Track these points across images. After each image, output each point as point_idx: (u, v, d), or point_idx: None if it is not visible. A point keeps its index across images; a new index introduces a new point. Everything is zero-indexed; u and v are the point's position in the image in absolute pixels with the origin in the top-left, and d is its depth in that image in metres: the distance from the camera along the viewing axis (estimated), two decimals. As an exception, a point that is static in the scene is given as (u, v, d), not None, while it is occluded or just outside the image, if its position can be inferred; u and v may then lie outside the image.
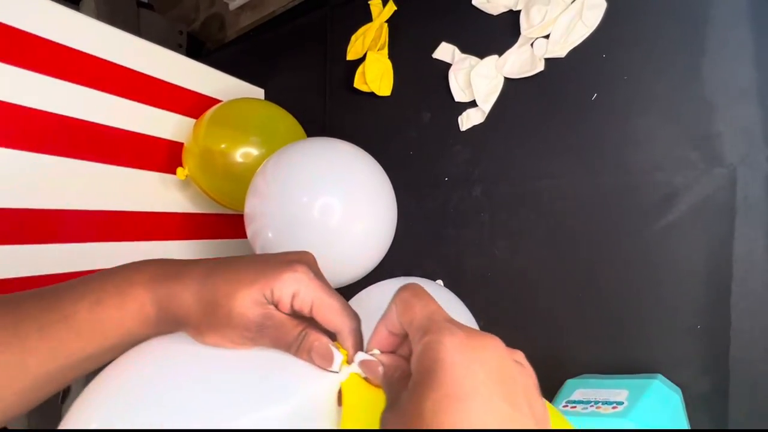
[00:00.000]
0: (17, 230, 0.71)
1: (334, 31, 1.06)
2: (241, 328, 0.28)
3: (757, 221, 0.58)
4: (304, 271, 0.30)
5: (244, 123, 0.93)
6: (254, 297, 0.29)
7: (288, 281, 0.29)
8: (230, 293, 0.29)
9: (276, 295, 0.29)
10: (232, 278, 0.29)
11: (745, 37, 0.60)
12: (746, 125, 0.59)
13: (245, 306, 0.28)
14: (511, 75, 0.78)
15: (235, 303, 0.28)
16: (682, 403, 0.58)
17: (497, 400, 0.21)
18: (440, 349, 0.22)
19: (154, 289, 0.30)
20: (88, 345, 0.30)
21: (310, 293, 0.29)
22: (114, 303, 0.30)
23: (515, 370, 0.23)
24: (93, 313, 0.30)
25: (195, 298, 0.29)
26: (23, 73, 0.71)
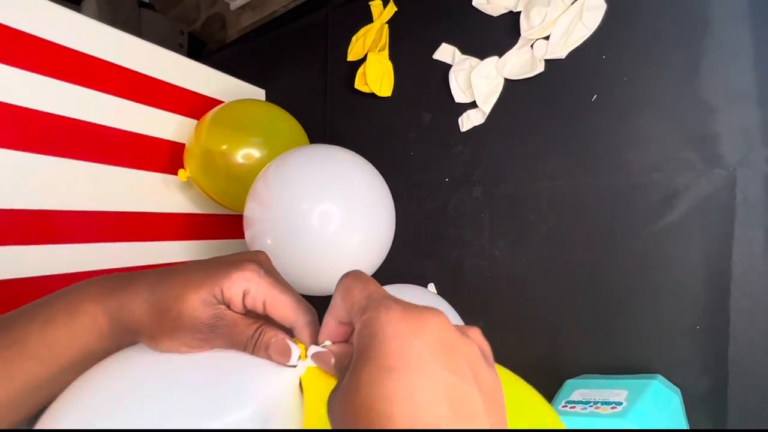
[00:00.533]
0: (18, 231, 0.71)
1: (334, 31, 1.06)
2: (192, 330, 0.28)
3: (756, 222, 0.58)
4: (253, 269, 0.30)
5: (245, 124, 0.93)
6: (203, 297, 0.28)
7: (237, 280, 0.29)
8: (179, 296, 0.29)
9: (226, 294, 0.29)
10: (181, 282, 0.29)
11: (745, 39, 0.60)
12: (745, 126, 0.59)
13: (194, 307, 0.28)
14: (511, 76, 0.78)
15: (185, 305, 0.28)
16: (681, 404, 0.58)
17: (436, 369, 0.21)
18: (376, 323, 0.22)
19: (104, 301, 0.30)
20: (43, 367, 0.29)
21: (261, 290, 0.29)
22: (64, 320, 0.29)
23: (458, 341, 0.23)
24: (44, 334, 0.29)
25: (146, 306, 0.29)
26: (25, 74, 0.71)
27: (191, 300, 0.28)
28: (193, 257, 1.01)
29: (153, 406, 0.25)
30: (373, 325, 0.22)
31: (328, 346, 0.28)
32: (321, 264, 0.69)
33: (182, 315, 0.28)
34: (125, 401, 0.26)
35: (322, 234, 0.69)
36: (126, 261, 0.87)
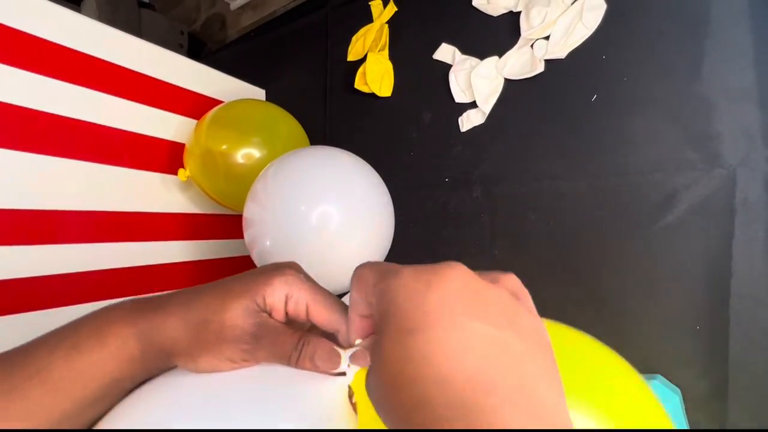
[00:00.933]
0: (18, 230, 0.71)
1: (334, 31, 1.06)
2: (235, 341, 0.27)
3: (756, 222, 0.58)
4: (294, 274, 0.29)
5: (245, 124, 0.93)
6: (246, 306, 0.27)
7: (279, 284, 0.28)
8: (220, 305, 0.27)
9: (269, 301, 0.28)
10: (220, 293, 0.28)
11: (745, 39, 0.60)
12: (746, 126, 0.59)
13: (237, 316, 0.27)
14: (511, 76, 0.78)
15: (227, 315, 0.27)
16: (682, 404, 0.58)
17: (460, 319, 0.20)
18: (388, 292, 0.21)
19: (135, 322, 0.28)
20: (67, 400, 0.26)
21: (303, 294, 0.28)
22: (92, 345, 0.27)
23: (483, 287, 0.21)
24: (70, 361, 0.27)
25: (182, 323, 0.27)
26: (25, 74, 0.71)
27: (233, 309, 0.27)
28: (193, 257, 1.01)
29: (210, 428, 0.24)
30: (386, 294, 0.22)
31: (360, 344, 0.27)
32: (320, 265, 0.69)
33: (224, 326, 0.27)
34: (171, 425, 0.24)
35: (321, 235, 0.69)
36: (126, 261, 0.87)
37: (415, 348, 0.19)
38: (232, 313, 0.27)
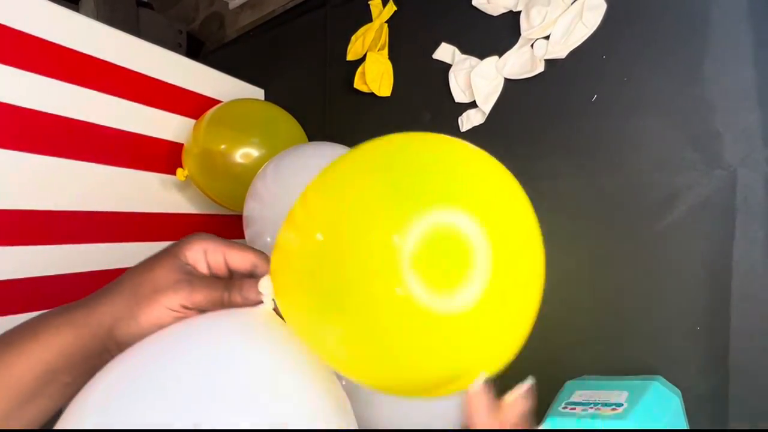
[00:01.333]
0: (17, 231, 0.71)
1: (334, 31, 1.06)
2: (172, 289, 0.30)
3: (756, 222, 0.58)
4: (207, 235, 0.33)
5: (243, 124, 0.93)
6: (173, 263, 0.31)
7: (196, 242, 0.32)
8: (148, 268, 0.31)
9: (189, 255, 0.31)
10: (144, 262, 0.31)
11: (746, 38, 0.60)
12: (746, 126, 0.59)
13: (168, 270, 0.30)
14: (511, 76, 0.78)
15: (157, 272, 0.30)
16: (682, 405, 0.58)
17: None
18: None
19: (66, 313, 0.30)
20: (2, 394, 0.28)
21: (218, 246, 0.32)
22: (24, 339, 0.29)
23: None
24: (2, 355, 0.28)
25: (115, 296, 0.30)
26: (23, 74, 0.71)
27: (162, 266, 0.30)
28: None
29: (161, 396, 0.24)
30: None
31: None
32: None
33: (157, 279, 0.30)
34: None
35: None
36: (126, 261, 0.87)
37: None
38: (162, 269, 0.30)
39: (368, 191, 0.27)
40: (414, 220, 0.25)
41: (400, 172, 0.27)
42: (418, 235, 0.24)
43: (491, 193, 0.30)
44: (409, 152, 0.30)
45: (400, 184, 0.27)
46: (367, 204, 0.26)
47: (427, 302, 0.24)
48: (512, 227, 0.29)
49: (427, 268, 0.24)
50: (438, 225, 0.25)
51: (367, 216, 0.26)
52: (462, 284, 0.25)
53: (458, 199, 0.26)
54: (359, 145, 0.32)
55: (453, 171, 0.29)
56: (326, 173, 0.31)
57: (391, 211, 0.25)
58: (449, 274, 0.25)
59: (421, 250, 0.24)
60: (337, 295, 0.26)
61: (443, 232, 0.25)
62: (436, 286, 0.24)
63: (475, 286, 0.25)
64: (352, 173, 0.30)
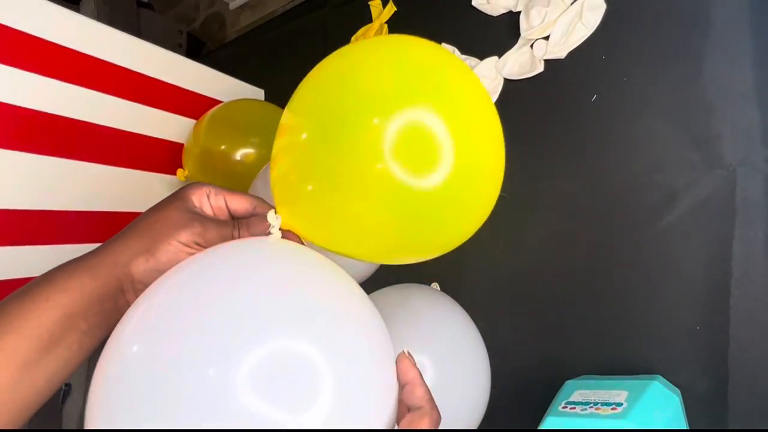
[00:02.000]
0: (17, 231, 0.71)
1: (334, 31, 1.06)
2: (186, 226, 0.31)
3: (756, 222, 0.58)
4: (206, 183, 0.35)
5: (244, 124, 0.93)
6: (183, 205, 0.33)
7: (198, 188, 0.34)
8: (160, 210, 0.32)
9: (195, 200, 0.33)
10: (154, 209, 0.33)
11: (745, 39, 0.60)
12: (746, 126, 0.59)
13: (178, 211, 0.32)
14: (510, 76, 0.78)
15: (169, 212, 0.32)
16: (682, 404, 0.58)
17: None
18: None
19: (81, 259, 0.31)
20: (22, 340, 0.28)
21: (219, 190, 0.35)
22: (41, 286, 0.29)
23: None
24: (20, 302, 0.29)
25: (130, 236, 0.31)
26: (23, 74, 0.71)
27: (172, 207, 0.32)
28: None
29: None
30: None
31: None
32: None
33: (170, 218, 0.31)
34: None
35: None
36: (125, 261, 0.87)
37: None
38: (172, 211, 0.32)
39: (355, 87, 0.32)
40: (394, 113, 0.30)
41: (381, 72, 0.32)
42: (396, 125, 0.30)
43: (457, 92, 0.34)
44: (388, 54, 0.35)
45: (382, 83, 0.32)
46: (354, 96, 0.32)
47: (403, 179, 0.30)
48: (473, 123, 0.34)
49: (403, 152, 0.30)
50: (413, 120, 0.30)
51: (355, 105, 0.31)
52: (430, 167, 0.31)
53: (429, 98, 0.31)
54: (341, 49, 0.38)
55: (424, 73, 0.33)
56: (312, 75, 0.38)
57: (374, 104, 0.31)
58: (421, 158, 0.31)
59: (399, 138, 0.30)
60: (331, 177, 0.31)
61: (416, 125, 0.30)
62: (410, 166, 0.30)
63: (441, 169, 0.31)
64: (338, 73, 0.36)
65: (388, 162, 0.29)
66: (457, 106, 0.33)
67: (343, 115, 0.31)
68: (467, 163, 0.32)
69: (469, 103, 0.34)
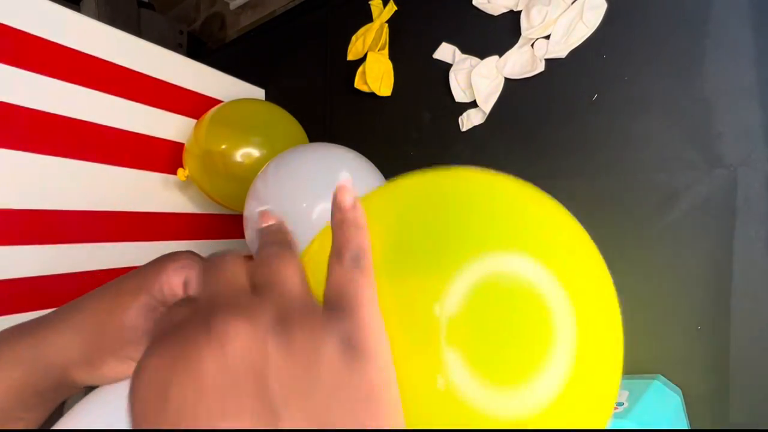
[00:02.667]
0: (17, 230, 0.71)
1: (334, 31, 1.06)
2: (141, 341, 0.24)
3: (757, 222, 0.58)
4: (187, 257, 0.27)
5: (244, 124, 0.93)
6: (143, 302, 0.25)
7: (174, 272, 0.26)
8: (114, 310, 0.25)
9: (167, 290, 0.26)
10: (111, 293, 0.26)
11: (746, 38, 0.60)
12: (747, 126, 0.59)
13: (136, 316, 0.25)
14: (511, 75, 0.78)
15: (124, 317, 0.24)
16: (683, 404, 0.58)
17: (230, 419, 0.14)
18: (133, 382, 0.16)
19: (15, 346, 0.25)
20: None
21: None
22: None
23: (240, 366, 0.15)
24: None
25: (72, 332, 0.25)
26: (23, 74, 0.71)
27: (130, 309, 0.25)
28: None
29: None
30: (131, 386, 0.16)
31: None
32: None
33: (123, 328, 0.24)
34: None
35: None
36: (126, 261, 0.87)
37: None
38: (130, 313, 0.25)
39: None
40: (453, 272, 0.17)
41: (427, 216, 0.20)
42: (460, 292, 0.16)
43: (560, 236, 0.21)
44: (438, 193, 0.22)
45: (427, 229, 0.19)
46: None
47: (478, 399, 0.16)
48: (594, 286, 0.20)
49: (476, 344, 0.16)
50: (491, 275, 0.17)
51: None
52: (532, 371, 0.16)
53: (519, 240, 0.18)
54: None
55: (504, 208, 0.21)
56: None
57: (419, 268, 0.18)
58: (512, 356, 0.16)
59: (466, 314, 0.16)
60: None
61: (500, 285, 0.17)
62: (490, 374, 0.16)
63: (552, 375, 0.16)
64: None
65: (448, 368, 0.16)
66: (567, 256, 0.20)
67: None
68: (591, 359, 0.18)
69: (578, 249, 0.21)
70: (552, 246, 0.20)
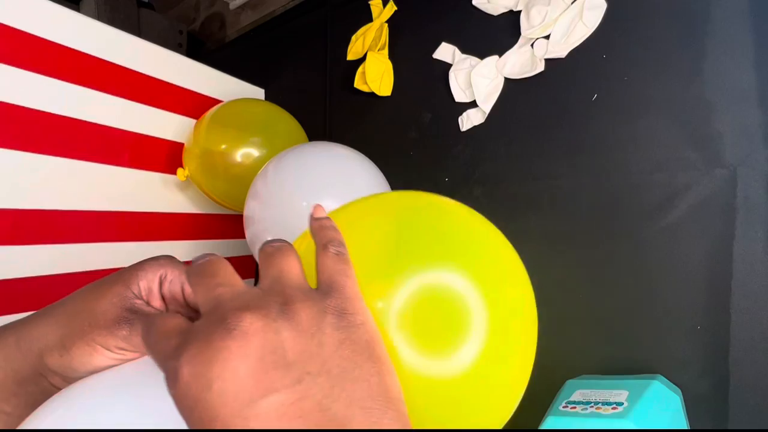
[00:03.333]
0: (17, 230, 0.71)
1: (334, 31, 1.06)
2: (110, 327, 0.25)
3: (757, 222, 0.58)
4: (166, 258, 0.28)
5: (244, 123, 0.93)
6: (118, 292, 0.26)
7: (151, 268, 0.27)
8: (91, 295, 0.26)
9: (143, 284, 0.27)
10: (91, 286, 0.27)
11: (746, 38, 0.60)
12: (746, 126, 0.59)
13: (110, 303, 0.26)
14: (511, 75, 0.78)
15: (99, 302, 0.26)
16: (682, 404, 0.58)
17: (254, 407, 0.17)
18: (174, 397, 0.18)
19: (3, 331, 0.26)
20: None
21: (177, 274, 0.28)
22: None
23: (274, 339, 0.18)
24: None
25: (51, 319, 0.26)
26: (23, 73, 0.71)
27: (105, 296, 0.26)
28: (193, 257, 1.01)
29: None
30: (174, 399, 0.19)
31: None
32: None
33: (95, 312, 0.26)
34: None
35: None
36: (126, 261, 0.86)
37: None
38: (104, 299, 0.26)
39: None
40: (400, 279, 0.23)
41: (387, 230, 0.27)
42: (405, 294, 0.23)
43: (483, 249, 0.29)
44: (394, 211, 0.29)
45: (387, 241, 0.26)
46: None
47: (416, 364, 0.23)
48: (508, 284, 0.28)
49: (416, 327, 0.23)
50: (428, 284, 0.24)
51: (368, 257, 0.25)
52: (454, 345, 0.23)
53: (450, 257, 0.25)
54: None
55: (442, 229, 0.28)
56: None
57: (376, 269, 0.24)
58: (440, 333, 0.23)
59: (409, 309, 0.23)
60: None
61: (434, 290, 0.24)
62: (423, 340, 0.23)
63: (470, 347, 0.23)
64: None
65: (391, 334, 0.22)
66: (487, 264, 0.27)
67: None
68: (502, 338, 0.25)
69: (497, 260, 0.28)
70: (470, 254, 0.27)
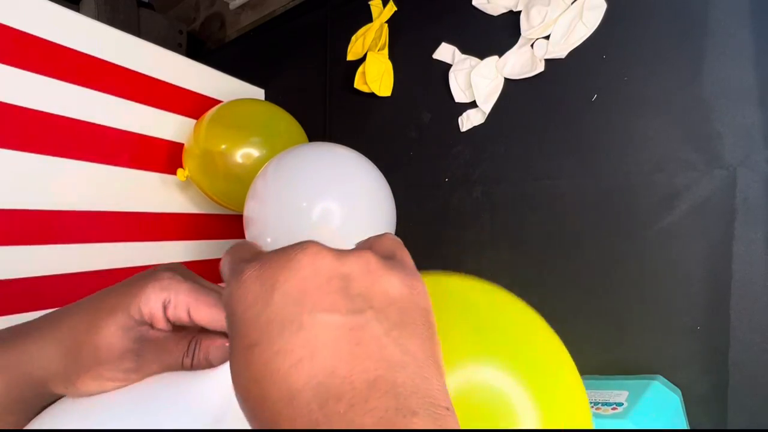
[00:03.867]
0: (17, 230, 0.71)
1: (334, 31, 1.06)
2: (115, 361, 0.25)
3: (756, 222, 0.58)
4: (169, 277, 0.26)
5: (244, 124, 0.93)
6: (120, 323, 0.25)
7: (154, 291, 0.25)
8: (91, 326, 0.25)
9: (145, 310, 0.25)
10: (90, 310, 0.26)
11: (745, 39, 0.60)
12: (746, 127, 0.59)
13: (112, 335, 0.25)
14: (511, 76, 0.78)
15: (100, 336, 0.25)
16: (682, 404, 0.58)
17: (313, 317, 0.18)
18: (229, 301, 0.19)
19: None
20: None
21: (182, 297, 0.26)
22: None
23: (334, 267, 0.19)
24: None
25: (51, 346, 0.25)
26: (23, 74, 0.71)
27: (106, 328, 0.25)
28: (192, 257, 1.01)
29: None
30: (229, 304, 0.20)
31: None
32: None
33: (98, 347, 0.24)
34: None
35: (322, 231, 0.69)
36: (126, 261, 0.87)
37: (258, 365, 0.17)
38: (106, 332, 0.25)
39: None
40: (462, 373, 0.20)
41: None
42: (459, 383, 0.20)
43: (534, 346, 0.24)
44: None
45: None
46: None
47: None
48: (562, 390, 0.23)
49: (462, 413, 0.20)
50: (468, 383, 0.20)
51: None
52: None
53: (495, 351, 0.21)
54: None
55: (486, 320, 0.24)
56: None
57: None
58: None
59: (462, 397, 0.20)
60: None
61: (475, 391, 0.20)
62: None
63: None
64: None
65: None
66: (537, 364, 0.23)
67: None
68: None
69: (552, 365, 0.24)
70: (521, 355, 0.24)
